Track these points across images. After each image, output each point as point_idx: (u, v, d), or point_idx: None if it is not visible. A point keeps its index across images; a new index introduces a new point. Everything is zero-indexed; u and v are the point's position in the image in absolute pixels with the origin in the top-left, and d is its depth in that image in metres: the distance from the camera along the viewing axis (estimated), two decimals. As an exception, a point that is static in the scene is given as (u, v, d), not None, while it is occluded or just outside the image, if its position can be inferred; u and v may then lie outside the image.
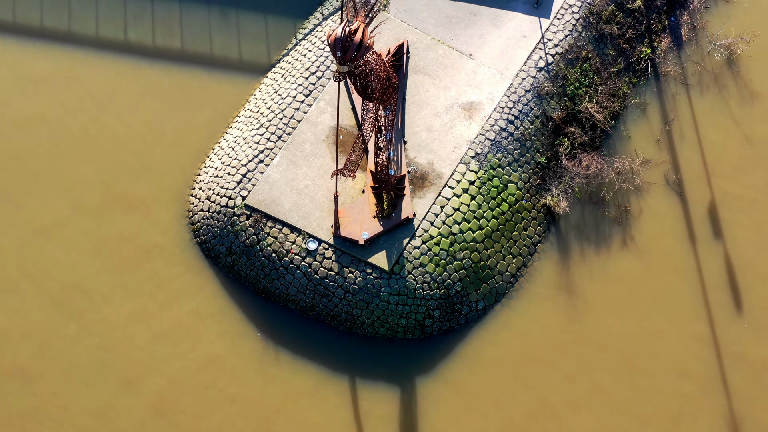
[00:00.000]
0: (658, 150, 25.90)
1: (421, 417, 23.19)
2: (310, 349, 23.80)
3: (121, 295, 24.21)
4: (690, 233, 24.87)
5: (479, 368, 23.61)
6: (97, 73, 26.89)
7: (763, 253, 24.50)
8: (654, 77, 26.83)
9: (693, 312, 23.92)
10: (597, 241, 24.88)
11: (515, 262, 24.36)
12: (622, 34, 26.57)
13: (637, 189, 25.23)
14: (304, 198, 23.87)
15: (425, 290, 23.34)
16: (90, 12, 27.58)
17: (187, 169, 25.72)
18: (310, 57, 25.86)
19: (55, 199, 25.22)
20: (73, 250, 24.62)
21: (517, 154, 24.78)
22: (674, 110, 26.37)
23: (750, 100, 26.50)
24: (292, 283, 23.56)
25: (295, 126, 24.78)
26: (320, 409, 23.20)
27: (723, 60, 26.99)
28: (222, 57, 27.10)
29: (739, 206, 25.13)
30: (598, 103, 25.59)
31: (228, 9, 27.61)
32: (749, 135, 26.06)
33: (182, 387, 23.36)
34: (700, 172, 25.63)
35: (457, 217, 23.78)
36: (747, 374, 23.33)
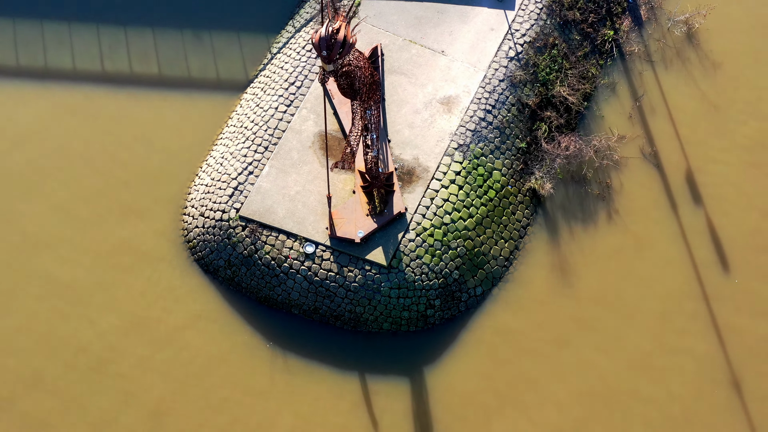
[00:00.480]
0: (632, 125, 26.87)
1: (435, 404, 23.64)
2: (317, 351, 24.19)
3: (120, 311, 24.47)
4: (671, 200, 25.79)
5: (484, 352, 24.20)
6: (78, 105, 27.23)
7: (742, 210, 25.51)
8: (620, 57, 27.88)
9: (684, 276, 24.78)
10: (583, 218, 25.70)
11: (507, 246, 25.06)
12: (584, 19, 27.60)
13: (615, 164, 26.14)
14: (297, 204, 24.39)
15: (424, 281, 23.92)
16: (65, 48, 27.93)
17: (176, 191, 26.13)
18: (287, 69, 26.50)
19: (48, 219, 25.53)
20: (69, 265, 24.91)
21: (498, 142, 25.57)
22: (642, 86, 27.41)
23: (712, 70, 27.63)
24: (294, 288, 24.00)
25: (280, 136, 25.34)
26: (338, 409, 23.50)
27: (683, 35, 28.14)
28: (200, 78, 27.63)
29: (714, 169, 26.15)
30: (569, 87, 26.53)
31: (201, 31, 28.21)
32: (716, 102, 27.14)
33: (192, 402, 23.68)
34: (674, 142, 26.63)
35: (448, 207, 24.45)
36: (742, 343, 24.19)
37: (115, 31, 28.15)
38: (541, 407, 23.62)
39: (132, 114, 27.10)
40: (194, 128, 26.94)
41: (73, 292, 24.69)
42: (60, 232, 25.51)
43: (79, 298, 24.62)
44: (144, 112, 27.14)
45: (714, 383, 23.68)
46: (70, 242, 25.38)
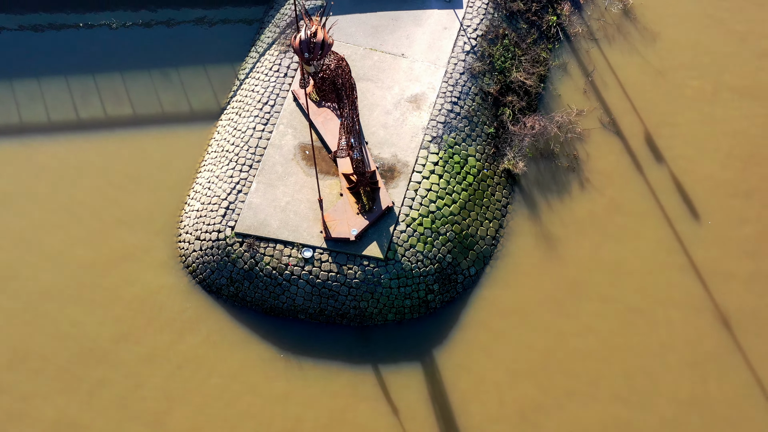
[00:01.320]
0: (588, 100, 28.62)
1: (448, 385, 24.57)
2: (329, 352, 24.99)
3: (132, 344, 24.97)
4: (635, 162, 27.48)
5: (486, 327, 25.32)
6: (58, 156, 27.89)
7: (700, 162, 27.33)
8: (566, 39, 29.76)
9: (660, 229, 26.37)
10: (558, 190, 27.19)
11: (492, 225, 26.37)
12: (528, 9, 29.45)
13: (579, 137, 27.80)
14: (289, 213, 25.38)
15: (421, 268, 25.04)
16: (37, 102, 28.69)
17: (168, 222, 26.87)
18: (259, 90, 27.65)
19: (45, 270, 26.00)
20: (73, 310, 25.37)
21: (468, 130, 27.02)
22: (591, 63, 29.26)
23: (652, 40, 29.66)
24: (297, 294, 24.88)
25: (262, 153, 26.39)
26: (357, 404, 24.17)
27: (620, 12, 30.19)
28: (174, 113, 28.61)
29: (669, 129, 27.96)
30: (524, 71, 28.22)
31: (168, 69, 29.24)
32: (659, 69, 29.11)
33: (214, 418, 24.21)
34: (628, 110, 28.43)
35: (431, 196, 25.71)
36: (725, 282, 25.78)
37: (84, 79, 29.03)
38: (547, 373, 24.71)
39: (113, 156, 27.87)
40: (176, 160, 27.83)
41: (83, 334, 25.12)
42: (58, 280, 25.99)
43: (89, 338, 25.06)
44: (124, 152, 27.96)
45: (705, 328, 25.21)
46: (70, 288, 25.86)
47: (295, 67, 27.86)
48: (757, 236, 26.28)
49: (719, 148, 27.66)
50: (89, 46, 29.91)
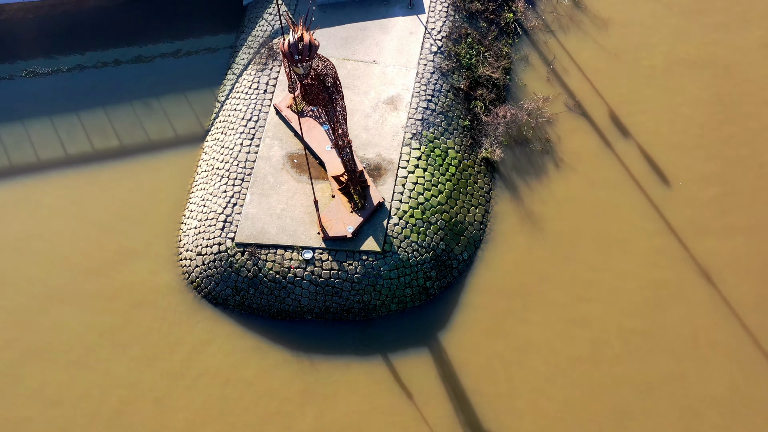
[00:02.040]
0: (552, 86, 30.32)
1: (457, 365, 25.62)
2: (339, 348, 25.88)
3: (150, 365, 25.63)
4: (603, 139, 29.14)
5: (485, 307, 26.50)
6: (52, 193, 28.59)
7: (662, 131, 29.11)
8: (524, 33, 31.53)
9: (635, 196, 27.97)
10: (535, 173, 28.68)
11: (478, 211, 27.71)
12: (486, 8, 31.19)
13: (548, 121, 29.42)
14: (285, 219, 26.40)
15: (417, 257, 26.21)
16: (24, 143, 29.41)
17: (168, 243, 27.67)
18: (241, 108, 28.79)
19: (54, 305, 26.62)
20: (88, 337, 25.95)
21: (445, 125, 28.44)
22: (550, 53, 31.04)
23: (603, 26, 31.57)
24: (302, 295, 25.82)
25: (252, 166, 27.45)
26: (373, 396, 25.10)
27: (570, 3, 32.12)
28: (160, 140, 29.55)
29: (630, 107, 29.73)
30: (490, 66, 29.84)
31: (149, 99, 30.22)
32: (614, 51, 30.98)
33: (239, 424, 24.88)
34: (590, 91, 30.17)
35: (419, 189, 26.99)
36: (704, 242, 27.45)
37: (68, 117, 29.87)
38: (549, 345, 25.95)
39: (106, 187, 28.66)
40: (167, 184, 28.74)
41: (102, 364, 25.79)
42: (68, 313, 26.59)
43: (108, 368, 25.73)
44: (117, 182, 28.77)
45: (690, 285, 26.73)
46: (81, 319, 26.48)
47: (274, 83, 29.09)
48: (724, 193, 27.99)
49: (678, 118, 29.51)
50: (70, 88, 30.76)
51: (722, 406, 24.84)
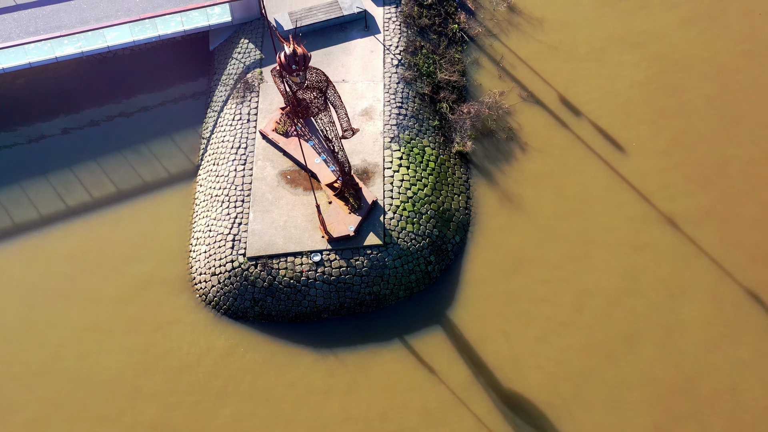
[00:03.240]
0: (504, 82, 33.46)
1: (468, 335, 27.86)
2: (359, 340, 27.85)
3: (189, 386, 27.07)
4: (559, 120, 32.29)
5: (483, 281, 28.91)
6: (58, 245, 29.93)
7: (608, 104, 32.53)
8: (471, 40, 34.71)
9: (597, 164, 31.06)
10: (506, 158, 31.52)
11: (461, 198, 30.29)
12: (434, 23, 34.31)
13: (507, 112, 32.45)
14: (290, 230, 28.42)
15: (416, 245, 28.52)
16: (23, 202, 30.73)
17: (180, 272, 29.28)
18: (228, 139, 30.89)
19: (84, 341, 27.96)
20: (125, 374, 27.34)
21: (418, 127, 31.12)
22: (497, 54, 34.26)
23: (539, 25, 35.04)
24: (317, 295, 27.74)
25: (250, 187, 29.48)
26: (400, 376, 27.18)
27: (506, 9, 35.54)
28: (154, 181, 31.30)
29: (576, 88, 33.11)
30: (447, 71, 32.81)
31: (138, 146, 32.03)
32: (552, 44, 34.42)
33: (286, 420, 26.45)
34: (538, 81, 33.41)
35: (405, 185, 29.44)
36: (665, 191, 30.60)
37: (63, 173, 31.36)
38: (547, 305, 28.42)
39: (111, 232, 30.17)
40: (169, 219, 30.45)
41: (144, 394, 27.16)
42: (97, 348, 27.88)
43: (151, 393, 27.13)
44: (120, 226, 30.31)
45: (659, 232, 29.73)
46: (111, 357, 27.80)
47: (255, 112, 31.34)
48: (671, 142, 31.35)
49: (619, 90, 32.95)
50: (60, 148, 32.26)
51: (699, 336, 27.83)
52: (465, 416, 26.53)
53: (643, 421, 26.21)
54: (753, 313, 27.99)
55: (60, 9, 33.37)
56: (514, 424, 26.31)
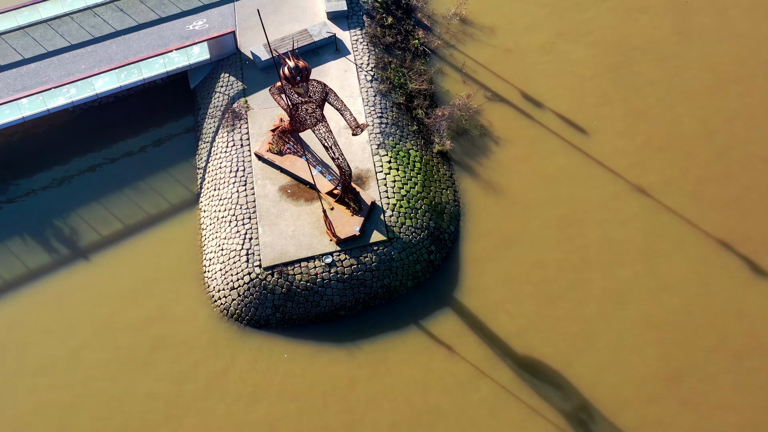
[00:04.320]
0: (469, 86, 36.40)
1: (476, 309, 30.21)
2: (379, 331, 29.86)
3: (205, 390, 28.59)
4: (524, 113, 35.34)
5: (481, 261, 31.38)
6: (76, 284, 31.27)
7: (565, 91, 35.84)
8: (432, 53, 37.66)
9: (566, 147, 34.09)
10: (482, 152, 34.29)
11: (449, 191, 32.86)
12: (396, 40, 37.17)
13: (477, 112, 35.35)
14: (299, 238, 30.40)
15: (417, 237, 30.86)
16: (35, 251, 31.94)
17: (197, 293, 30.89)
18: (225, 164, 32.82)
19: (114, 373, 29.35)
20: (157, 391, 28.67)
21: (400, 133, 33.68)
22: (458, 62, 37.25)
23: (491, 31, 38.26)
24: (334, 294, 29.71)
25: (254, 205, 31.40)
26: (426, 363, 29.21)
27: (458, 22, 38.70)
28: (158, 213, 32.92)
29: (534, 81, 36.29)
30: (416, 82, 35.60)
31: (137, 183, 33.65)
32: (505, 47, 37.65)
33: (325, 414, 28.15)
34: (500, 81, 36.47)
35: (398, 185, 31.84)
36: (625, 160, 33.79)
37: (69, 216, 32.70)
38: (541, 280, 31.03)
39: (124, 265, 31.61)
40: (178, 246, 32.09)
41: (166, 397, 28.62)
42: (129, 378, 29.22)
43: (185, 405, 28.62)
44: (132, 258, 31.77)
45: (631, 198, 32.79)
46: (142, 376, 29.16)
47: (247, 137, 33.37)
48: (626, 120, 34.70)
49: (572, 79, 36.29)
50: (62, 195, 33.69)
51: (675, 286, 30.94)
52: (482, 385, 28.80)
53: (638, 364, 29.02)
54: (727, 261, 31.32)
55: (45, 65, 35.08)
56: (532, 385, 28.65)
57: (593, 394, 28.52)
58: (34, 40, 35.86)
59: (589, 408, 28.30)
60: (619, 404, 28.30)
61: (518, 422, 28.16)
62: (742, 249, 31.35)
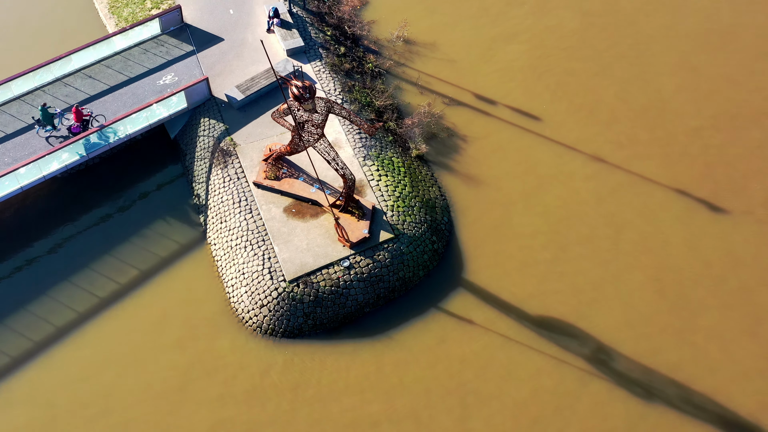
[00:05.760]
0: (426, 96, 39.99)
1: (483, 284, 33.25)
2: (402, 321, 32.43)
3: (255, 401, 30.29)
4: (481, 110, 39.15)
5: (478, 244, 34.63)
6: (105, 329, 32.44)
7: (510, 85, 40.03)
8: (386, 73, 41.10)
9: (525, 133, 38.03)
10: (454, 150, 37.72)
11: (434, 188, 36.03)
12: (353, 66, 40.40)
13: (440, 117, 38.89)
14: (314, 249, 32.73)
15: (419, 231, 33.75)
16: (60, 307, 32.89)
17: (227, 321, 32.55)
18: (227, 198, 34.85)
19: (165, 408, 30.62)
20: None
21: (379, 144, 36.70)
22: (411, 77, 40.80)
23: (433, 47, 42.12)
24: (358, 292, 32.12)
25: (264, 228, 33.52)
26: (456, 340, 31.99)
27: (402, 43, 42.37)
28: (169, 254, 34.47)
29: (482, 80, 40.28)
30: (380, 99, 38.84)
31: (142, 230, 35.10)
32: (450, 58, 41.54)
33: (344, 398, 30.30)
34: (453, 87, 40.24)
35: (390, 189, 34.75)
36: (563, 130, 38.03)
37: (84, 272, 33.81)
38: (532, 244, 34.56)
39: (148, 304, 33.02)
40: (197, 281, 33.71)
41: (219, 414, 30.20)
42: (182, 410, 30.46)
43: (229, 417, 30.25)
44: (154, 301, 33.20)
45: (597, 169, 36.90)
46: (187, 401, 30.52)
47: (241, 170, 35.52)
48: (571, 101, 39.11)
49: (515, 74, 40.53)
50: (71, 254, 34.72)
51: (638, 228, 35.12)
52: (508, 348, 31.87)
53: (640, 303, 32.84)
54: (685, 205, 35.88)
55: (29, 136, 36.34)
56: (550, 339, 31.86)
57: (607, 336, 32.06)
58: (12, 116, 37.01)
59: (606, 349, 31.77)
60: (632, 340, 31.92)
61: (545, 370, 31.25)
62: (699, 194, 36.14)
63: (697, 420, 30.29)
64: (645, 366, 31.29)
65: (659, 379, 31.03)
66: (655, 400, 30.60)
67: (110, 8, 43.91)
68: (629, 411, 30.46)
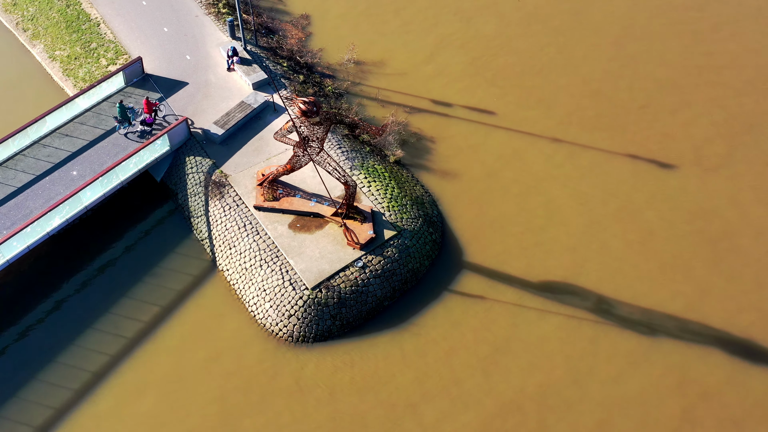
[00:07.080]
0: (389, 108, 43.06)
1: (485, 264, 36.22)
2: (420, 309, 34.87)
3: (300, 409, 32.03)
4: (442, 113, 42.55)
5: (471, 229, 37.70)
6: (136, 370, 33.25)
7: (466, 84, 43.75)
8: (345, 93, 43.90)
9: (495, 129, 41.56)
10: (427, 152, 40.83)
11: (419, 187, 39.00)
12: (316, 91, 42.98)
13: (405, 124, 42.00)
14: (327, 256, 34.86)
15: (417, 225, 36.50)
16: (89, 354, 33.53)
17: (256, 339, 34.02)
18: (231, 226, 36.49)
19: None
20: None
21: (360, 155, 39.39)
22: (369, 93, 43.81)
23: (382, 64, 45.37)
24: (376, 288, 34.45)
25: (275, 246, 35.38)
26: (463, 318, 34.65)
27: (354, 65, 45.35)
28: (183, 288, 35.67)
29: (435, 84, 43.78)
30: (349, 117, 41.55)
31: (152, 268, 36.18)
32: (399, 71, 44.93)
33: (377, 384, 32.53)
34: (409, 97, 43.56)
35: (381, 192, 37.41)
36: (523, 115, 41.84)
37: (106, 317, 34.61)
38: (520, 220, 37.92)
39: (175, 337, 34.12)
40: (217, 307, 35.07)
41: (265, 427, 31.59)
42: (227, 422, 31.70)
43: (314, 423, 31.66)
44: (179, 330, 34.31)
45: (576, 152, 40.79)
46: (246, 416, 31.78)
47: (239, 198, 37.24)
48: (515, 89, 43.13)
49: (460, 75, 44.37)
50: (89, 301, 35.38)
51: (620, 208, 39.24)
52: (527, 315, 34.86)
53: (631, 255, 36.72)
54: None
55: (23, 198, 36.94)
56: (557, 300, 35.07)
57: (605, 288, 35.59)
58: (-2, 182, 37.59)
59: (606, 299, 35.24)
60: (629, 290, 35.56)
61: (560, 325, 34.35)
62: (649, 156, 40.69)
63: (697, 344, 34.01)
64: (642, 307, 35.02)
65: (658, 316, 34.82)
66: (659, 334, 34.25)
67: (64, 71, 44.91)
68: (642, 344, 33.82)
